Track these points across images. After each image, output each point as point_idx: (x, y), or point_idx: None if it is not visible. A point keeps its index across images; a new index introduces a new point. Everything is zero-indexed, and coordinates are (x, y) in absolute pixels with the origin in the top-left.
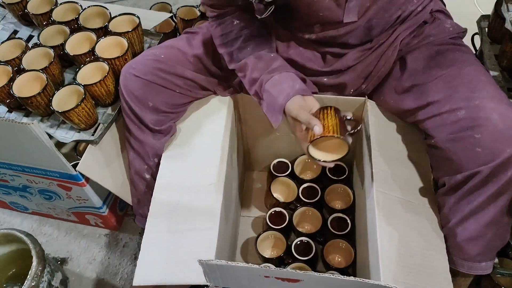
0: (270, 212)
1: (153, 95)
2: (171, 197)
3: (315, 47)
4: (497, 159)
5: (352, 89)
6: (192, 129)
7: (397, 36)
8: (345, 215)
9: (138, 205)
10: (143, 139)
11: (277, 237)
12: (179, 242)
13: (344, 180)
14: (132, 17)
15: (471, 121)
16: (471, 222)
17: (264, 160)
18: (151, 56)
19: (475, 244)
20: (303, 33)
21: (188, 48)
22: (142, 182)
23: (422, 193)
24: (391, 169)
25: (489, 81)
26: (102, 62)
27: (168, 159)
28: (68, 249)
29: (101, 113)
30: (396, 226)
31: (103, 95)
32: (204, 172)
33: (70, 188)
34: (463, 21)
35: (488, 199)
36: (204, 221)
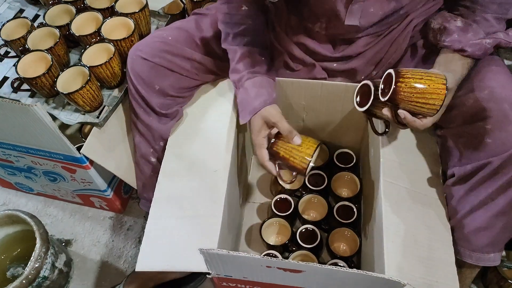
0: (276, 199)
1: (160, 78)
2: (175, 183)
3: (326, 34)
4: (508, 150)
5: (363, 75)
6: (199, 114)
7: (410, 21)
8: (351, 203)
9: (143, 189)
10: (149, 123)
11: (282, 224)
12: (182, 229)
13: (351, 168)
14: None
15: (482, 111)
16: (480, 213)
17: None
18: (159, 38)
19: (483, 235)
20: (312, 23)
21: (197, 31)
22: (148, 166)
23: (430, 184)
24: (400, 159)
25: (501, 70)
26: (108, 43)
27: (174, 144)
28: (73, 231)
29: (107, 95)
30: (403, 216)
31: (108, 77)
32: (209, 159)
33: (75, 170)
34: None
35: (497, 190)
36: (208, 208)
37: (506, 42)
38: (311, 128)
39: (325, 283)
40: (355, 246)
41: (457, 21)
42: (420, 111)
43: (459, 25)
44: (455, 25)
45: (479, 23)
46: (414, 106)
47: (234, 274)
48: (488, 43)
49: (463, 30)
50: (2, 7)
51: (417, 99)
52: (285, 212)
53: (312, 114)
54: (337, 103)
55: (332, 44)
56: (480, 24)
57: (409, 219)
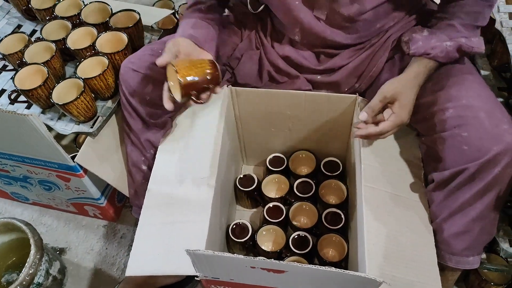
0: (268, 206)
1: (150, 89)
2: (165, 190)
3: (309, 47)
4: (483, 156)
5: (346, 87)
6: (188, 123)
7: (389, 36)
8: (339, 210)
9: (135, 196)
10: (140, 132)
11: (277, 231)
12: (171, 234)
13: (338, 176)
14: (132, 13)
15: (459, 119)
16: (458, 218)
17: (260, 155)
18: (149, 51)
19: (462, 239)
20: (290, 34)
21: None
22: (139, 174)
23: (412, 188)
24: (382, 164)
25: (477, 81)
26: (102, 57)
27: (163, 152)
28: (67, 239)
29: (101, 106)
30: (384, 220)
31: (102, 88)
32: (198, 166)
33: (69, 179)
34: None
35: (475, 195)
36: (196, 214)
37: (468, 46)
38: (298, 137)
39: (308, 283)
40: (343, 251)
41: (423, 31)
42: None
43: (425, 34)
44: (421, 35)
45: (444, 30)
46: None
47: (221, 276)
48: (449, 46)
49: (427, 38)
50: (1, 23)
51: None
52: (277, 219)
53: (298, 123)
54: (321, 113)
55: (316, 56)
56: (446, 31)
57: (390, 222)
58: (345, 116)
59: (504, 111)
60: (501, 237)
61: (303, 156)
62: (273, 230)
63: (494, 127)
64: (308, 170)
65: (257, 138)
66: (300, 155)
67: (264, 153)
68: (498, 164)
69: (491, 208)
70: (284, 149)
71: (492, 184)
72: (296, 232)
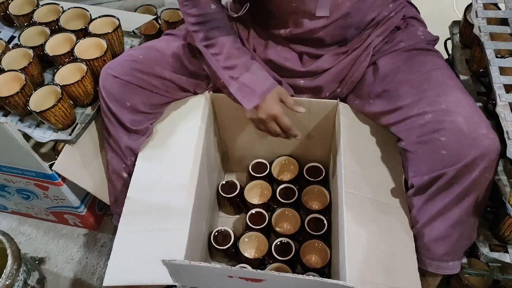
0: (251, 213)
1: (131, 96)
2: (144, 197)
3: (292, 46)
4: (461, 161)
5: (328, 92)
6: (168, 130)
7: (371, 42)
8: (322, 215)
9: (115, 204)
10: (120, 139)
11: (259, 238)
12: (150, 242)
13: (321, 181)
14: (112, 19)
15: (437, 124)
16: (438, 223)
17: (243, 161)
18: (129, 57)
19: (442, 244)
20: (279, 29)
21: (167, 49)
22: (120, 181)
23: (393, 194)
24: (363, 170)
25: (456, 85)
26: (80, 63)
27: (144, 159)
28: (47, 248)
29: (80, 113)
30: (365, 226)
31: (81, 95)
32: (178, 173)
33: (47, 187)
34: (441, 26)
35: (454, 200)
36: (175, 222)
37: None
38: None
39: None
40: (326, 257)
41: None
42: None
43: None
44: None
45: None
46: None
47: (200, 285)
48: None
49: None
50: None
51: None
52: (260, 225)
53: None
54: (302, 118)
55: (299, 57)
56: None
57: (371, 227)
58: (327, 122)
59: (482, 116)
60: (481, 242)
61: (286, 162)
62: (256, 236)
63: (472, 132)
64: (291, 175)
65: (239, 144)
66: (283, 161)
67: (246, 159)
68: (476, 169)
69: (470, 213)
70: (266, 155)
71: (470, 189)
72: (279, 239)
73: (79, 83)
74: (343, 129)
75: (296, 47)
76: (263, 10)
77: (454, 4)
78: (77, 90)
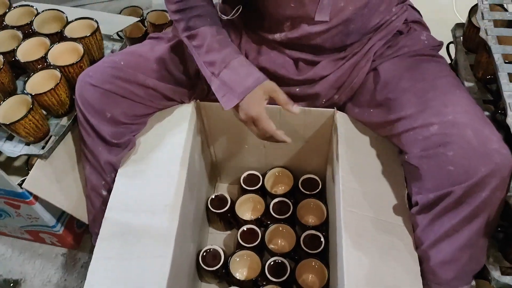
0: (242, 230)
1: (112, 106)
2: (123, 219)
3: (288, 53)
4: (471, 178)
5: (324, 99)
6: (151, 143)
7: (371, 46)
8: (318, 232)
9: (94, 224)
10: (99, 153)
11: (252, 257)
12: (128, 271)
13: (317, 194)
14: (90, 22)
15: (444, 137)
16: (444, 245)
17: (234, 173)
18: (110, 63)
19: (449, 268)
20: (273, 33)
21: (151, 54)
22: (99, 199)
23: (395, 211)
24: (362, 186)
25: (463, 95)
26: (54, 70)
27: (124, 175)
28: (22, 270)
29: (54, 124)
30: (365, 248)
31: (54, 105)
32: (160, 191)
33: (19, 206)
34: (441, 29)
35: (462, 221)
36: (156, 247)
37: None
38: (273, 153)
39: None
40: (324, 277)
41: None
42: None
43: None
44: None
45: None
46: None
47: None
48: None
49: None
50: None
51: None
52: (252, 243)
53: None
54: (297, 128)
55: (295, 63)
56: None
57: (372, 250)
58: (323, 131)
59: (492, 128)
60: (491, 264)
61: (279, 173)
62: (248, 255)
63: (482, 146)
64: (285, 188)
65: (229, 156)
66: (276, 172)
67: (238, 171)
68: (487, 187)
69: (480, 235)
70: (259, 167)
71: (480, 208)
72: (272, 258)
73: (52, 91)
74: (341, 141)
75: (291, 53)
76: (256, 13)
77: (454, 6)
78: (50, 99)
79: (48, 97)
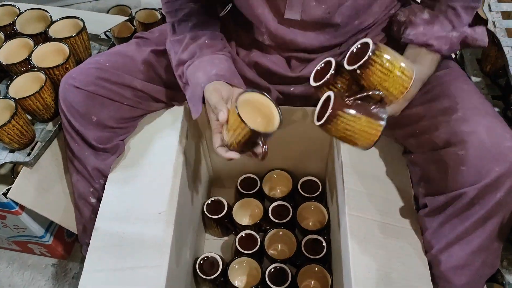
0: (240, 235)
1: (97, 109)
2: (115, 229)
3: (279, 52)
4: (484, 179)
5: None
6: (142, 147)
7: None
8: (319, 236)
9: (84, 234)
10: (86, 159)
11: (251, 264)
12: (122, 283)
13: (317, 197)
14: (76, 21)
15: (454, 135)
16: (456, 249)
17: (230, 176)
18: (94, 64)
19: (461, 273)
20: (259, 35)
21: (138, 54)
22: (88, 207)
23: (402, 214)
24: (366, 188)
25: (472, 90)
26: (38, 72)
27: (114, 182)
28: (10, 282)
29: (39, 129)
30: (373, 254)
31: (39, 109)
32: (154, 198)
33: (4, 216)
34: None
35: (475, 223)
36: (151, 257)
37: (473, 38)
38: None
39: None
40: (327, 283)
41: (423, 14)
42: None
43: (426, 18)
44: (421, 18)
45: (446, 14)
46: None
47: None
48: (454, 37)
49: (429, 22)
50: None
51: (381, 79)
52: (251, 250)
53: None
54: (296, 129)
55: (287, 61)
56: (448, 14)
57: (380, 256)
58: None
59: (505, 126)
60: (505, 268)
61: (277, 176)
62: (247, 262)
63: (495, 145)
64: (284, 191)
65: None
66: (274, 175)
67: (234, 174)
68: (501, 188)
69: (494, 238)
70: (256, 169)
71: (494, 211)
72: (272, 264)
73: (37, 95)
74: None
75: (283, 53)
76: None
77: None
78: (34, 103)
79: (33, 101)
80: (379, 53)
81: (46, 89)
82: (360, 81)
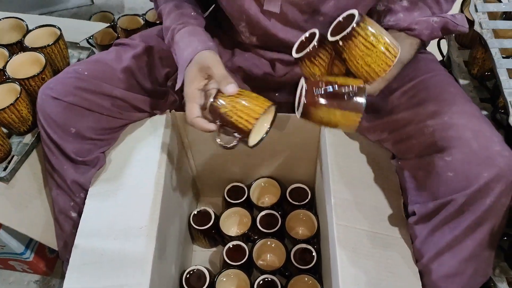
0: (228, 247)
1: (76, 120)
2: (95, 245)
3: (262, 53)
4: (473, 185)
5: None
6: (123, 159)
7: None
8: (309, 245)
9: (65, 249)
10: (65, 172)
11: (239, 276)
12: None
13: (307, 204)
14: (53, 29)
15: (441, 140)
16: (447, 257)
17: (217, 185)
18: (72, 73)
19: (453, 282)
20: (240, 34)
21: (117, 62)
22: (68, 222)
23: (392, 223)
24: (354, 196)
25: (459, 93)
26: (13, 83)
27: (94, 197)
28: None
29: (16, 143)
30: (362, 265)
31: (15, 122)
32: (135, 213)
33: None
34: None
35: (465, 231)
36: (132, 275)
37: (454, 24)
38: (258, 162)
39: None
40: None
41: (402, 1)
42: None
43: (405, 5)
44: (401, 5)
45: (425, 1)
46: (355, 60)
47: None
48: (435, 22)
49: (408, 9)
50: None
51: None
52: (239, 261)
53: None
54: (283, 135)
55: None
56: (427, 1)
57: (369, 267)
58: (310, 137)
59: (493, 129)
60: (497, 276)
61: (265, 184)
62: (235, 274)
63: (484, 149)
64: (272, 200)
65: (211, 167)
66: (262, 183)
67: (221, 183)
68: (490, 193)
69: (485, 245)
70: (243, 177)
71: (484, 217)
72: (262, 276)
73: (12, 107)
74: (330, 148)
75: (266, 53)
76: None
77: None
78: (10, 116)
79: (8, 113)
80: (364, 25)
81: (21, 100)
82: (342, 54)
